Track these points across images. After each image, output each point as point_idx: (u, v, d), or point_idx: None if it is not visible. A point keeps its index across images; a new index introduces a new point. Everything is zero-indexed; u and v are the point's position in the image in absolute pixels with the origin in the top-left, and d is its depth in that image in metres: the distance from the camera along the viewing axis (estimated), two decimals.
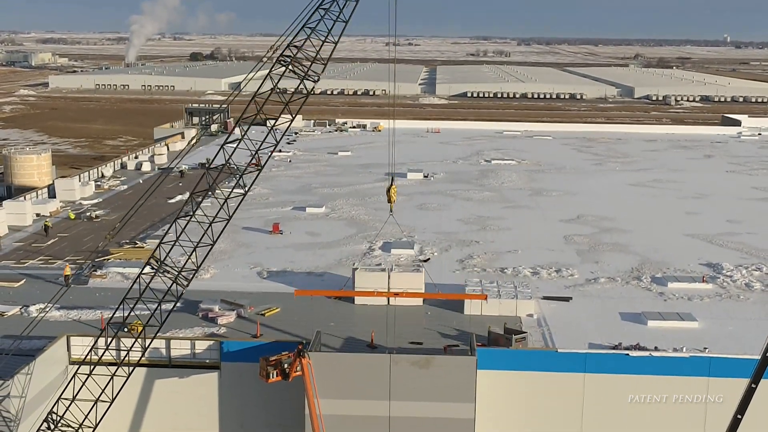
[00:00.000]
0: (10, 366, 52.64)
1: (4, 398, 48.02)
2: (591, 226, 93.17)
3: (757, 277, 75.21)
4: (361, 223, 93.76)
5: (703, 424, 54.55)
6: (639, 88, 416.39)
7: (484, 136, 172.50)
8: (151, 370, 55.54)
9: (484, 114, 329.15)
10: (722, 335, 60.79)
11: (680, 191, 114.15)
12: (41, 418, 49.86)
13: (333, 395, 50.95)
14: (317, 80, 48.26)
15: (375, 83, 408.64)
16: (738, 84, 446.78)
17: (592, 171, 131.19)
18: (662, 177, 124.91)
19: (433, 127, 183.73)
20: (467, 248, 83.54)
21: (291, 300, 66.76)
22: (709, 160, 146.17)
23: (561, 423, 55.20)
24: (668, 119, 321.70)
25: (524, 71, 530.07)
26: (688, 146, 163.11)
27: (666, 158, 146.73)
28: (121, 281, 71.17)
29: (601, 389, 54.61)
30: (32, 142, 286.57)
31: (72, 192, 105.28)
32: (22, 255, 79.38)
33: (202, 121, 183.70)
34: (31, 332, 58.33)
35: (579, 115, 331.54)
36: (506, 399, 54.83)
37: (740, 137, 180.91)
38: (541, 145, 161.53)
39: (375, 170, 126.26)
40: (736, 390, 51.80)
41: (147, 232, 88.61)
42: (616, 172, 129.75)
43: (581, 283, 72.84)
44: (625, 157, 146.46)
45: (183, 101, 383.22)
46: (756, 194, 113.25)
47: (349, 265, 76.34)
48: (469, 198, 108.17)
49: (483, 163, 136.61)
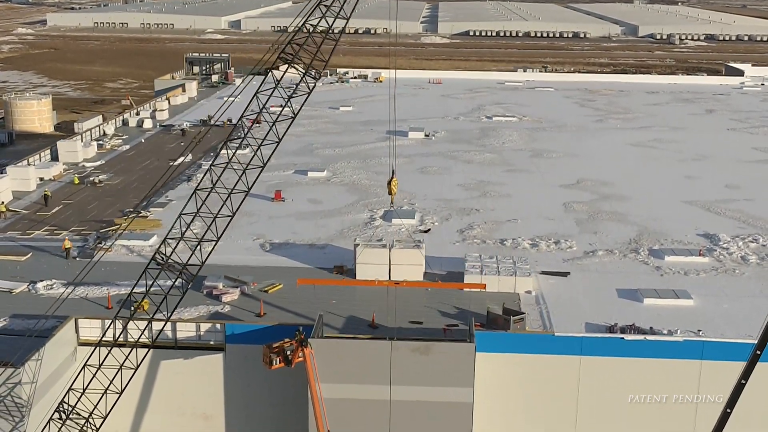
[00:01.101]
0: (19, 348, 54.22)
1: (15, 385, 49.42)
2: (590, 192, 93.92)
3: (753, 249, 76.23)
4: (362, 188, 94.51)
5: (695, 407, 56.22)
6: (643, 26, 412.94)
7: (486, 88, 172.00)
8: (157, 352, 56.83)
9: (486, 55, 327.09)
10: (716, 314, 61.95)
11: (680, 152, 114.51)
12: (51, 400, 51.56)
13: (335, 380, 52.42)
14: (318, 77, 48.61)
15: (376, 21, 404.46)
16: (743, 22, 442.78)
17: (593, 129, 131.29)
18: (662, 136, 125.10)
19: (434, 78, 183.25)
20: (467, 217, 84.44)
21: (293, 275, 68.11)
22: (711, 115, 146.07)
23: (557, 403, 56.87)
24: (672, 59, 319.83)
25: (527, 8, 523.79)
26: (690, 99, 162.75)
27: (667, 113, 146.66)
28: (126, 254, 72.35)
29: (596, 372, 56.15)
30: (32, 85, 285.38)
31: (75, 154, 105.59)
32: (27, 225, 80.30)
33: (202, 71, 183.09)
34: (38, 312, 60.34)
35: (582, 56, 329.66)
36: (504, 380, 56.38)
37: (743, 88, 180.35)
38: (543, 99, 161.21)
39: (376, 128, 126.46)
40: (727, 372, 53.77)
41: (151, 200, 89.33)
42: (617, 131, 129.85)
43: (579, 256, 73.87)
44: (626, 113, 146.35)
45: (182, 40, 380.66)
46: (755, 156, 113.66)
47: (350, 236, 77.45)
48: (469, 160, 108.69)
49: (484, 120, 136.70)
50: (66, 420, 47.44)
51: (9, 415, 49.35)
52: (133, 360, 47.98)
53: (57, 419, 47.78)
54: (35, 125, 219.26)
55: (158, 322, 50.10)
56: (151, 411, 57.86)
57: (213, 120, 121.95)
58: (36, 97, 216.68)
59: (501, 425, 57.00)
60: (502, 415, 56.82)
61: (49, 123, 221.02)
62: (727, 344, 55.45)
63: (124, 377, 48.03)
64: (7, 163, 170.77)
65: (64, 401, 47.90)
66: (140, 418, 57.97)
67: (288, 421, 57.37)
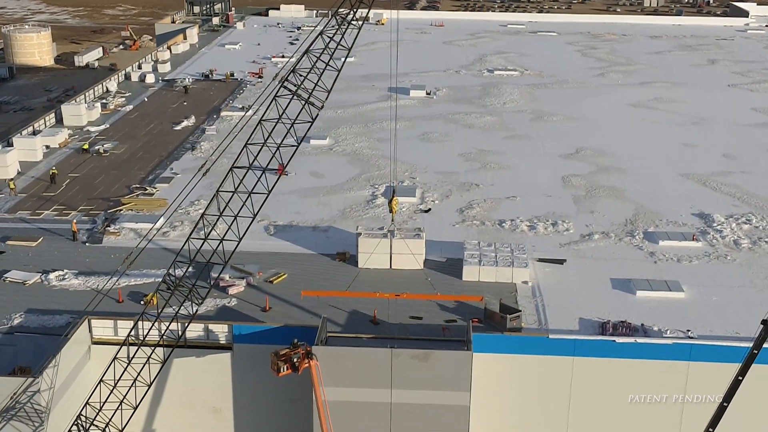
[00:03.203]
0: (36, 349, 56.79)
1: (35, 393, 51.94)
2: (588, 164, 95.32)
3: (746, 231, 78.11)
4: (364, 159, 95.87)
5: (682, 407, 59.04)
6: None
7: (488, 32, 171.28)
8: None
9: None
10: (706, 308, 64.16)
11: (679, 115, 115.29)
12: (69, 401, 54.30)
13: (339, 384, 55.05)
14: (321, 107, 49.76)
15: None
16: None
17: (594, 85, 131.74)
18: (662, 95, 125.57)
19: (436, 20, 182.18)
20: (467, 193, 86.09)
21: (297, 263, 70.34)
22: (712, 67, 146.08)
23: (551, 402, 59.67)
24: None
25: None
26: (692, 46, 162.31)
27: (669, 64, 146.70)
28: (134, 239, 74.25)
29: (588, 371, 58.75)
30: (30, 12, 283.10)
31: (79, 117, 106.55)
32: (36, 204, 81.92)
33: (203, 11, 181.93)
34: (52, 307, 62.77)
35: None
36: (499, 380, 59.05)
37: (747, 31, 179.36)
38: (545, 46, 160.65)
39: (378, 83, 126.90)
40: (712, 372, 56.51)
41: (155, 172, 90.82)
42: (618, 88, 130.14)
43: (576, 239, 75.78)
44: (627, 64, 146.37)
45: None
46: (754, 118, 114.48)
47: (353, 216, 79.45)
48: (470, 125, 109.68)
49: (485, 74, 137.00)
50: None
51: (30, 421, 51.97)
52: (145, 376, 50.38)
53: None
54: (35, 58, 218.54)
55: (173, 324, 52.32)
56: (163, 405, 60.65)
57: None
58: (35, 30, 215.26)
59: (496, 424, 59.89)
60: (498, 414, 59.65)
61: (49, 56, 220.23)
62: (714, 347, 57.84)
63: (139, 393, 50.55)
64: (9, 101, 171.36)
65: (82, 414, 50.46)
66: (153, 411, 60.80)
67: (294, 414, 60.17)
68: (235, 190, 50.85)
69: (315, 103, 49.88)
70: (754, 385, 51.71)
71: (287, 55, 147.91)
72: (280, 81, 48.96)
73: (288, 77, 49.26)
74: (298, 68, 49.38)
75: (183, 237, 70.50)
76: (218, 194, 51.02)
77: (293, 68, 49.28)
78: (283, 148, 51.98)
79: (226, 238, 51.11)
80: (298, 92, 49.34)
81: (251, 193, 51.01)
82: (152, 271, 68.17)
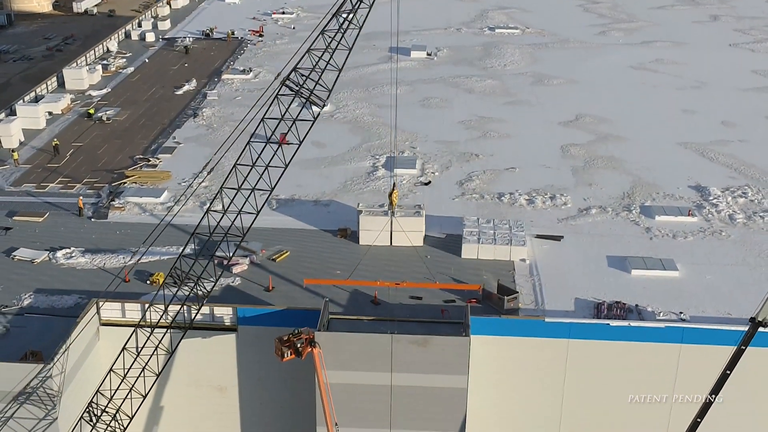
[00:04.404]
0: (45, 331, 58.51)
1: (47, 378, 53.71)
2: (588, 132, 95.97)
3: (741, 205, 79.23)
4: (365, 127, 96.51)
5: (673, 385, 60.94)
6: None
7: None
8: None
9: None
10: (700, 288, 65.67)
11: (680, 78, 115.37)
12: (79, 383, 56.12)
13: (341, 367, 56.88)
14: (323, 106, 50.45)
15: None
16: None
17: (595, 45, 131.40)
18: (663, 55, 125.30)
19: None
20: (467, 164, 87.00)
21: (300, 240, 71.72)
22: (714, 24, 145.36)
23: (545, 383, 61.63)
24: None
25: None
26: (695, 0, 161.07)
27: (671, 21, 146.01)
28: (139, 213, 75.50)
29: (583, 354, 60.55)
30: None
31: (81, 81, 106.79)
32: (40, 176, 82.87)
33: None
34: (61, 287, 64.31)
35: None
36: (496, 362, 60.89)
37: None
38: (547, 0, 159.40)
39: (378, 43, 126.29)
40: (704, 355, 58.27)
41: (158, 141, 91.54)
42: (618, 48, 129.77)
43: (573, 214, 76.96)
44: (629, 21, 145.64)
45: None
46: (755, 81, 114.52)
47: (354, 190, 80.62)
48: (471, 89, 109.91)
49: (486, 33, 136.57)
50: (97, 423, 51.90)
51: (42, 404, 53.85)
52: (153, 366, 52.12)
53: (88, 420, 52.29)
54: (33, 4, 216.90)
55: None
56: (171, 383, 62.54)
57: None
58: None
59: (493, 404, 61.95)
60: (494, 394, 61.63)
61: (47, 1, 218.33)
62: (705, 330, 59.52)
63: (147, 383, 52.34)
64: (8, 50, 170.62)
65: (93, 402, 52.28)
66: (161, 389, 62.70)
67: (297, 391, 62.12)
68: (253, 164, 51.95)
69: (317, 102, 50.53)
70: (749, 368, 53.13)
71: (288, 10, 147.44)
72: (282, 81, 49.57)
73: (290, 76, 49.85)
74: (299, 67, 49.98)
75: (188, 212, 71.98)
76: (236, 167, 52.07)
77: (294, 67, 49.86)
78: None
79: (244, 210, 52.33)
80: (300, 91, 49.92)
81: (268, 167, 51.90)
82: (157, 249, 69.34)
